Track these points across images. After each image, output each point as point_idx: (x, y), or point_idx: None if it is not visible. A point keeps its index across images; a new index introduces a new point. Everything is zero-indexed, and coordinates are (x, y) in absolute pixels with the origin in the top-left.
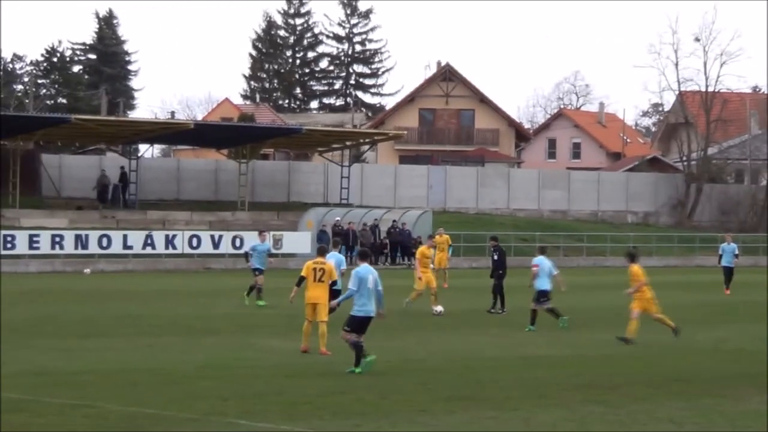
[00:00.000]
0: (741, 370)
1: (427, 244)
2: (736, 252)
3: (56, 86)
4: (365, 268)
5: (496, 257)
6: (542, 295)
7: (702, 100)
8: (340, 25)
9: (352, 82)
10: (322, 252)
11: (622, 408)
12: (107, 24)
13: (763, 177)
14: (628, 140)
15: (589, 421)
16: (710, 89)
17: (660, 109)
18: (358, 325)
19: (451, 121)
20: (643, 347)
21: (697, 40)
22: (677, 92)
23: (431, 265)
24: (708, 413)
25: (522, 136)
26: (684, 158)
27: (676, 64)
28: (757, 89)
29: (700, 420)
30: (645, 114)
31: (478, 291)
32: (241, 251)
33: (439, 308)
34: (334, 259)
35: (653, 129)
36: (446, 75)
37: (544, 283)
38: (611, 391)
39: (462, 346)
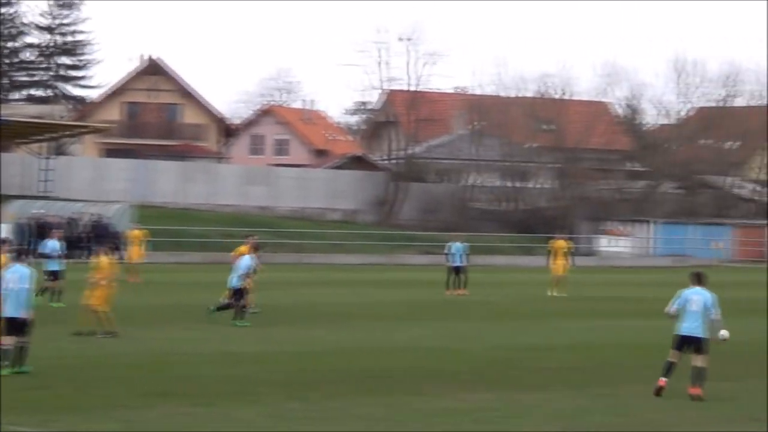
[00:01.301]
0: (438, 366)
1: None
2: (467, 252)
3: None
4: (18, 268)
5: None
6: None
7: (407, 100)
8: (43, 15)
9: (57, 73)
10: None
11: (320, 404)
12: None
13: (465, 177)
14: (334, 138)
15: (288, 417)
16: (415, 89)
17: (366, 107)
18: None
19: (157, 115)
20: (339, 344)
21: (403, 39)
22: (383, 91)
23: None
24: (403, 410)
25: (228, 131)
26: (388, 157)
27: (381, 63)
28: (461, 89)
29: (397, 417)
30: (350, 112)
31: (178, 286)
32: None
33: None
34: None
35: (359, 127)
36: (153, 69)
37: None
38: (309, 388)
39: (161, 342)
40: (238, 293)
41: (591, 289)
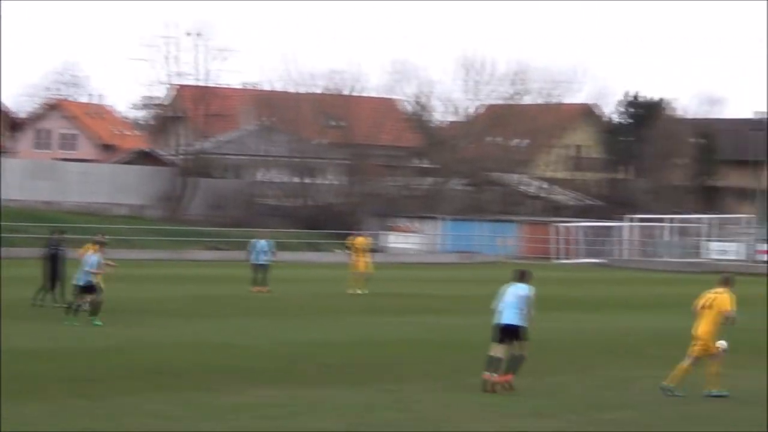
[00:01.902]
0: (227, 362)
1: None
2: (272, 249)
3: None
4: None
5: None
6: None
7: (195, 95)
8: None
9: None
10: None
11: (107, 401)
12: None
13: (253, 173)
14: (122, 133)
15: (73, 414)
16: (204, 84)
17: (153, 102)
18: None
19: None
20: (128, 341)
21: (192, 34)
22: (171, 86)
23: None
24: (192, 407)
25: (13, 125)
26: (177, 152)
27: (169, 58)
28: (250, 85)
29: (184, 413)
30: (138, 107)
31: None
32: None
33: None
34: None
35: (146, 122)
36: None
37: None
38: (96, 384)
39: None
40: (88, 290)
41: (379, 285)
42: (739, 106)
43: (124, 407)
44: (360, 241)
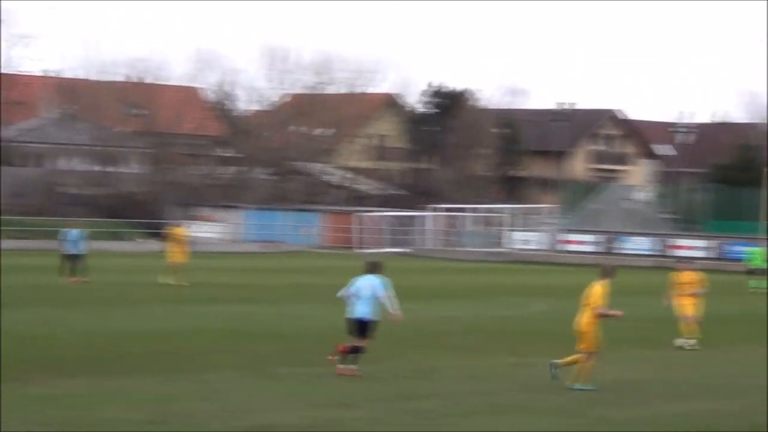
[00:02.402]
0: (27, 353)
1: None
2: (84, 238)
3: None
4: None
5: None
6: None
7: None
8: None
9: None
10: None
11: None
12: None
13: (54, 161)
14: None
15: None
16: (5, 71)
17: None
18: None
19: None
20: None
21: None
22: None
23: None
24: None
25: None
26: None
27: None
28: (50, 72)
29: None
30: None
31: None
32: None
33: None
34: None
35: None
36: None
37: None
38: None
39: None
40: None
41: (184, 274)
42: (542, 98)
43: None
44: (178, 231)
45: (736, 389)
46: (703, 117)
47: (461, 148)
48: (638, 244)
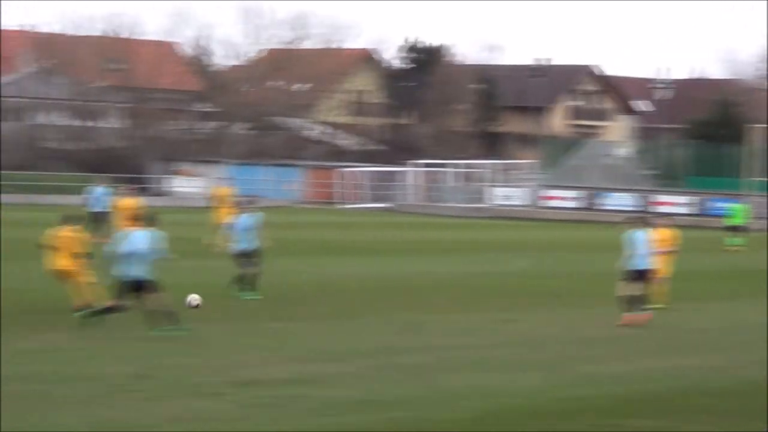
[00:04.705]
0: (10, 307)
1: None
2: (106, 194)
3: None
4: None
5: None
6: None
7: None
8: None
9: None
10: None
11: None
12: None
13: (33, 116)
14: None
15: None
16: None
17: None
18: None
19: None
20: None
21: None
22: None
23: None
24: None
25: None
26: None
27: None
28: (27, 27)
29: None
30: None
31: None
32: None
33: None
34: None
35: None
36: None
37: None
38: None
39: None
40: None
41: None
42: (518, 54)
43: None
44: (223, 191)
45: (714, 345)
46: (681, 73)
47: (439, 104)
48: (619, 200)
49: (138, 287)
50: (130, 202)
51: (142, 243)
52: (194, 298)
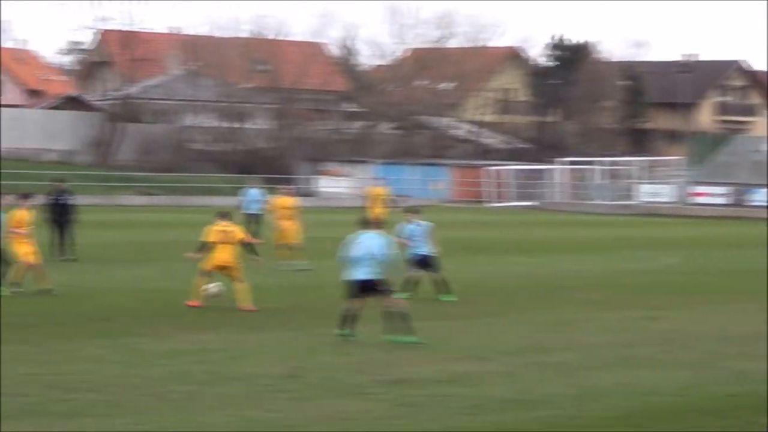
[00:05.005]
0: (161, 309)
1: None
2: (261, 197)
3: None
4: None
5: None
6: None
7: (121, 39)
8: None
9: None
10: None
11: (43, 347)
12: None
13: (181, 118)
14: (48, 78)
15: (9, 360)
16: (129, 28)
17: (80, 47)
18: None
19: None
20: (62, 286)
21: None
22: (96, 30)
23: None
24: (130, 351)
25: None
26: (104, 97)
27: (93, 2)
28: (175, 29)
29: (123, 358)
30: (64, 52)
31: None
32: None
33: None
34: None
35: (73, 67)
36: None
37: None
38: (31, 330)
39: None
40: None
41: (314, 229)
42: (666, 49)
43: (61, 353)
44: (378, 191)
45: None
46: None
47: (585, 101)
48: None
49: (369, 290)
50: (287, 201)
51: (376, 246)
52: (214, 287)
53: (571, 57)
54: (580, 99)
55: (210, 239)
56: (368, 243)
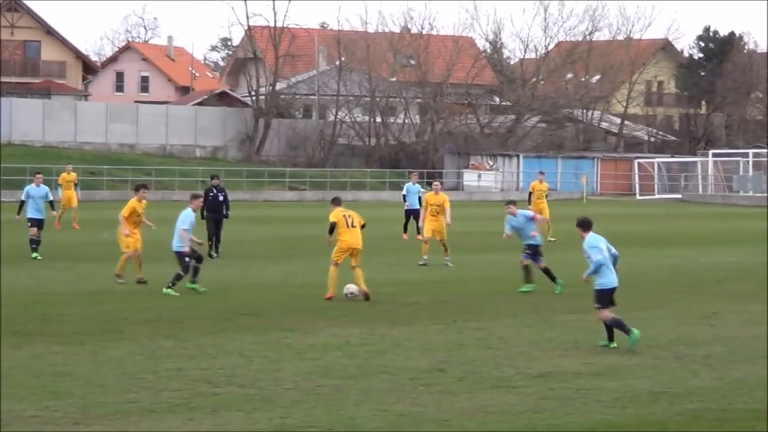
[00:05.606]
0: (308, 304)
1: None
2: (421, 192)
3: None
4: None
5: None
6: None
7: (270, 35)
8: None
9: None
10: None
11: (191, 341)
12: None
13: (330, 112)
14: (197, 74)
15: (158, 355)
16: (278, 24)
17: (228, 43)
18: None
19: (16, 52)
20: (210, 282)
21: None
22: (245, 27)
23: None
24: (277, 346)
25: (89, 68)
26: (253, 93)
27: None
28: (323, 25)
29: (270, 353)
30: (214, 48)
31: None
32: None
33: None
34: None
35: (222, 63)
36: (11, 5)
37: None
38: (179, 325)
39: (28, 280)
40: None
41: (460, 224)
42: None
43: (208, 347)
44: (540, 186)
45: None
46: None
47: (734, 93)
48: None
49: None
50: (438, 197)
51: (609, 247)
52: (350, 287)
53: (721, 48)
54: (728, 91)
55: (336, 221)
56: (603, 246)
